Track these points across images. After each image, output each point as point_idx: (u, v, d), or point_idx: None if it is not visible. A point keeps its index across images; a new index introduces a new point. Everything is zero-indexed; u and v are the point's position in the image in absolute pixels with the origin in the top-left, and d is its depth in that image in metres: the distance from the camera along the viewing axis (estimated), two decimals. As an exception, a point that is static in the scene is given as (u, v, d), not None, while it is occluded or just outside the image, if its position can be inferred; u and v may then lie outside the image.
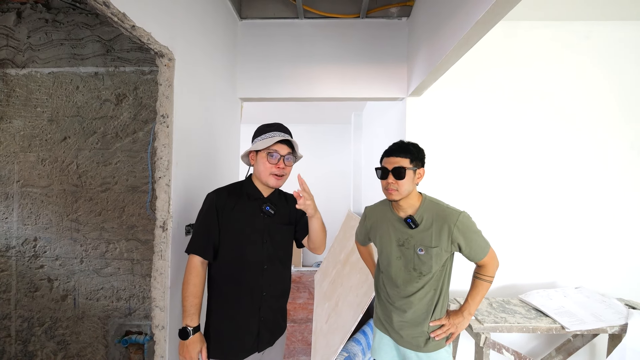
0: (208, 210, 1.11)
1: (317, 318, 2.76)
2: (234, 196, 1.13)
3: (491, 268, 1.20)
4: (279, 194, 1.25)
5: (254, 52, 2.09)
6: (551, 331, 1.50)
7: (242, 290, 1.11)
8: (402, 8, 2.03)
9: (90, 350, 1.82)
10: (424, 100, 1.97)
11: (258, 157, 1.12)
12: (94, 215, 1.81)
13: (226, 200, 1.11)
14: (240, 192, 1.15)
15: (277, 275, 1.18)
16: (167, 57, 1.19)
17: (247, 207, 1.13)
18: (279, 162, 1.11)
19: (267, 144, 1.08)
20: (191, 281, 1.06)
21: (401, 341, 1.25)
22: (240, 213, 1.12)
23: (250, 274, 1.12)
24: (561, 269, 1.95)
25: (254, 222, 1.13)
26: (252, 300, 1.12)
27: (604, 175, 1.93)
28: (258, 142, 1.11)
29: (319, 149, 5.10)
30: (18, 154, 1.81)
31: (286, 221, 1.22)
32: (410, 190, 1.17)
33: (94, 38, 1.79)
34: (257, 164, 1.13)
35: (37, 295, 1.82)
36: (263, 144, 1.09)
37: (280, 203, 1.22)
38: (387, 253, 1.25)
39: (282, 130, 1.14)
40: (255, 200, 1.15)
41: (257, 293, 1.12)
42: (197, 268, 1.07)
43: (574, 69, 1.93)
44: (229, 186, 1.18)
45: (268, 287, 1.14)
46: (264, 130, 1.14)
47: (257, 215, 1.14)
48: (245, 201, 1.14)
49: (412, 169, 1.15)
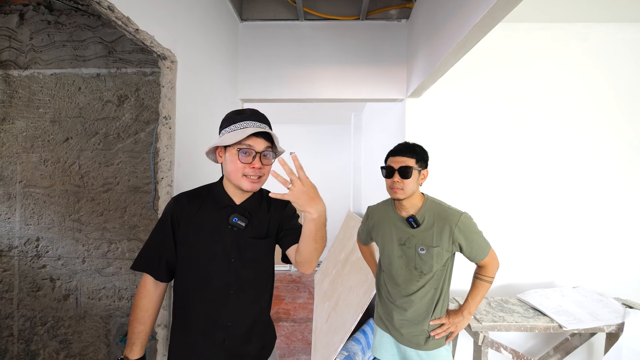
0: (162, 220, 0.91)
1: (317, 317, 2.77)
2: (196, 203, 0.91)
3: (491, 269, 1.22)
4: (259, 198, 0.97)
5: (255, 54, 2.10)
6: (549, 330, 1.52)
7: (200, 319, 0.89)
8: (402, 10, 2.05)
9: (92, 349, 1.84)
10: (424, 102, 1.99)
11: (227, 154, 0.87)
12: (96, 215, 1.82)
13: (185, 208, 0.89)
14: (205, 198, 0.92)
15: (247, 305, 0.92)
16: (169, 59, 1.20)
17: (210, 217, 0.90)
18: (254, 161, 0.85)
19: (238, 137, 0.82)
20: (138, 304, 0.88)
21: (402, 339, 1.27)
22: (202, 225, 0.89)
23: (211, 300, 0.89)
24: (559, 268, 1.96)
25: (220, 236, 0.89)
26: (211, 334, 0.89)
27: (601, 175, 1.95)
28: (226, 135, 0.86)
29: (318, 149, 5.11)
30: (20, 154, 1.82)
31: (262, 234, 0.94)
32: (414, 190, 1.19)
33: (96, 40, 1.80)
34: (225, 163, 0.88)
35: (40, 295, 1.84)
36: (233, 138, 0.83)
37: (258, 211, 0.95)
38: (389, 252, 1.27)
39: (256, 119, 0.88)
40: (223, 209, 0.91)
41: (220, 325, 0.90)
42: (146, 288, 0.89)
43: (572, 70, 1.94)
44: (192, 190, 0.96)
45: (234, 317, 0.90)
46: (232, 119, 0.88)
47: (224, 228, 0.90)
48: (210, 209, 0.91)
49: (417, 169, 1.17)
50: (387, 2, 2.05)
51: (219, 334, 0.90)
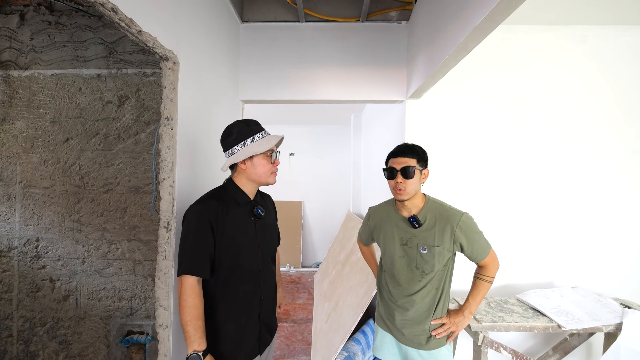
0: (199, 225, 1.01)
1: (317, 318, 2.77)
2: (223, 204, 1.05)
3: (492, 269, 1.23)
4: (260, 195, 1.23)
5: (256, 55, 2.11)
6: (548, 330, 1.53)
7: (240, 300, 1.07)
8: (402, 12, 2.06)
9: (92, 350, 1.83)
10: (423, 103, 2.00)
11: (254, 160, 1.06)
12: (96, 216, 1.82)
13: (217, 210, 1.03)
14: (227, 199, 1.08)
15: (271, 276, 1.18)
16: (171, 60, 1.21)
17: (238, 214, 1.07)
18: (276, 160, 1.12)
19: (271, 144, 1.04)
20: (191, 303, 0.97)
21: (403, 339, 1.28)
22: (233, 221, 1.05)
23: (248, 282, 1.08)
24: (558, 269, 1.98)
25: (246, 227, 1.08)
26: (252, 308, 1.09)
27: (600, 177, 1.97)
28: (253, 144, 1.04)
29: (318, 149, 5.12)
30: (21, 155, 1.82)
31: (271, 219, 1.22)
32: (417, 190, 1.20)
33: (96, 40, 1.80)
34: (253, 167, 1.07)
35: (39, 296, 1.83)
36: (265, 145, 1.04)
37: (263, 203, 1.21)
38: (391, 252, 1.28)
39: (264, 128, 1.12)
40: (244, 205, 1.10)
41: (257, 300, 1.10)
42: (194, 288, 0.99)
43: (571, 72, 1.96)
44: (211, 193, 1.10)
45: (265, 291, 1.13)
46: (249, 131, 1.07)
47: (248, 220, 1.10)
48: (235, 207, 1.08)
49: (418, 168, 1.18)
50: (388, 4, 2.06)
51: (256, 307, 1.10)
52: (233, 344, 1.06)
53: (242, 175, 1.10)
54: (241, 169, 1.09)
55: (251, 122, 1.10)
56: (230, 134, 1.08)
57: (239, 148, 1.06)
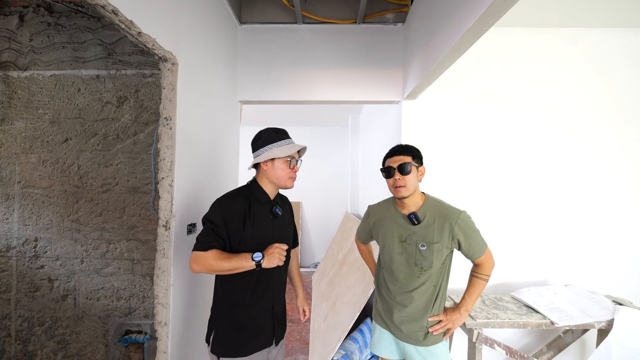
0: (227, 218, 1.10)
1: (315, 317, 2.79)
2: (247, 201, 1.16)
3: (488, 267, 1.26)
4: (279, 196, 1.32)
5: (254, 56, 2.13)
6: (541, 327, 1.56)
7: (257, 292, 1.16)
8: (398, 14, 2.09)
9: (90, 349, 1.84)
10: (419, 104, 2.03)
11: (275, 163, 1.17)
12: (95, 215, 1.83)
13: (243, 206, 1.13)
14: (251, 197, 1.18)
15: (284, 272, 1.27)
16: (170, 61, 1.23)
17: (260, 211, 1.17)
18: (295, 167, 1.21)
19: (293, 151, 1.16)
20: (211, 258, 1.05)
21: (401, 335, 1.30)
22: (255, 217, 1.15)
23: (265, 276, 1.17)
24: (552, 267, 2.01)
25: (266, 224, 1.18)
26: (267, 300, 1.18)
27: (594, 176, 2.00)
28: (277, 149, 1.16)
29: (316, 151, 5.14)
30: (19, 155, 1.83)
31: (288, 220, 1.31)
32: (416, 187, 1.23)
33: (95, 41, 1.82)
34: (274, 169, 1.17)
35: (38, 295, 1.84)
36: (286, 151, 1.16)
37: (281, 204, 1.29)
38: (390, 249, 1.30)
39: (290, 137, 1.23)
40: (265, 204, 1.20)
41: (270, 293, 1.19)
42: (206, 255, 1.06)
43: (564, 72, 2.00)
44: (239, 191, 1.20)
45: (278, 285, 1.23)
46: (275, 137, 1.19)
47: (268, 218, 1.19)
48: (257, 205, 1.17)
49: (415, 165, 1.22)
50: (384, 7, 2.09)
51: (270, 300, 1.19)
52: (252, 329, 1.15)
53: (263, 176, 1.21)
54: (263, 170, 1.20)
55: (280, 130, 1.22)
56: (259, 138, 1.20)
57: (263, 151, 1.17)
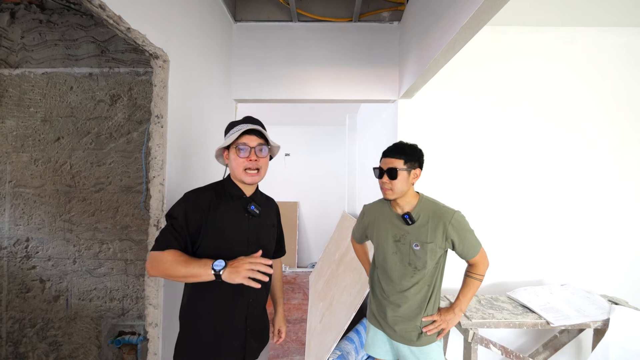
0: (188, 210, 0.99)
1: (311, 318, 2.77)
2: (218, 196, 1.05)
3: (482, 267, 1.25)
4: (261, 195, 1.18)
5: (249, 54, 2.12)
6: (537, 326, 1.55)
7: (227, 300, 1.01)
8: (394, 12, 2.08)
9: (82, 351, 1.82)
10: (415, 102, 2.02)
11: (230, 154, 1.05)
12: (88, 215, 1.81)
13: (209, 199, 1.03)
14: (222, 191, 1.07)
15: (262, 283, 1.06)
16: (161, 58, 1.21)
17: (231, 207, 1.05)
18: (250, 155, 1.02)
19: (234, 137, 1.01)
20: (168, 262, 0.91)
21: (394, 336, 1.29)
22: (224, 212, 1.03)
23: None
24: (548, 267, 2.00)
25: (239, 222, 1.05)
26: (239, 312, 1.03)
27: (590, 175, 2.00)
28: (227, 139, 1.05)
29: (313, 150, 5.13)
30: (11, 154, 1.80)
31: (271, 222, 1.17)
32: (404, 190, 1.21)
33: (88, 39, 1.79)
34: (230, 162, 1.06)
35: (29, 296, 1.81)
36: (230, 139, 1.02)
37: (264, 204, 1.16)
38: (383, 248, 1.29)
39: (249, 122, 1.07)
40: (238, 200, 1.07)
41: (244, 302, 1.04)
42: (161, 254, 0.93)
43: (560, 71, 1.99)
44: (210, 186, 1.10)
45: (257, 295, 1.06)
46: (231, 126, 1.09)
47: (242, 216, 1.06)
48: (229, 200, 1.06)
49: (406, 169, 1.19)
50: (380, 5, 2.08)
51: (243, 310, 1.04)
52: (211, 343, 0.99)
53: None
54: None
55: (242, 119, 1.10)
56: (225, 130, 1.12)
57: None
